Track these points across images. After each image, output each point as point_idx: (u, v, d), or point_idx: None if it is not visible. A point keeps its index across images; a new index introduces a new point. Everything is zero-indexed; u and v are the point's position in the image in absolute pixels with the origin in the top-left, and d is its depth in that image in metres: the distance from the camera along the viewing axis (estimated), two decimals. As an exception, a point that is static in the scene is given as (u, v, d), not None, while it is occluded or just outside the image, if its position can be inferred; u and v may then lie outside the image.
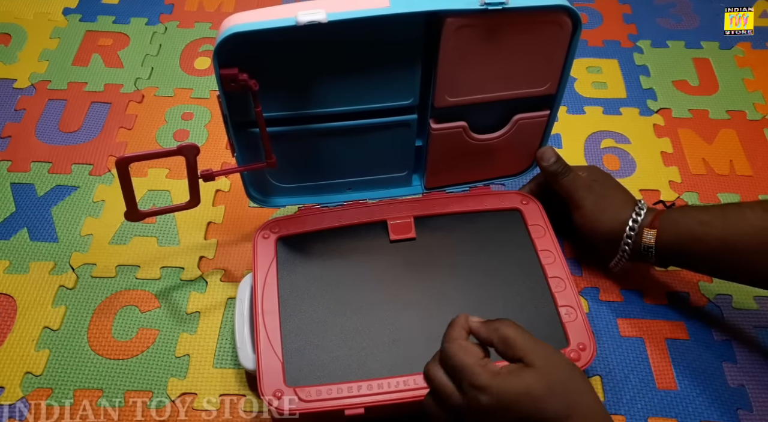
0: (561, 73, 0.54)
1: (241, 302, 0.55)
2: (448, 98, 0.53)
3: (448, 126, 0.56)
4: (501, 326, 0.40)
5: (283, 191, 0.60)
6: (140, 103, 0.77)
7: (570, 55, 0.52)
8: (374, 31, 0.47)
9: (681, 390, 0.55)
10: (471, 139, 0.58)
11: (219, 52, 0.45)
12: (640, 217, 0.54)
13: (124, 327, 0.59)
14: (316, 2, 0.45)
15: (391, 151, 0.59)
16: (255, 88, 0.47)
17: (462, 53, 0.49)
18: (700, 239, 0.51)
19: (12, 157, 0.71)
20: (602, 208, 0.56)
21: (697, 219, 0.51)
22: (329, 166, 0.59)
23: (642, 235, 0.54)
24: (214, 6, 0.89)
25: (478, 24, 0.48)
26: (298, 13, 0.44)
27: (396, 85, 0.52)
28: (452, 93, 0.53)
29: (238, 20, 0.45)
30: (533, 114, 0.57)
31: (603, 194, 0.57)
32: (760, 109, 0.78)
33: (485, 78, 0.52)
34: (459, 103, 0.54)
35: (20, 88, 0.78)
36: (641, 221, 0.54)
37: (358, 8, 0.45)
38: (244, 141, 0.53)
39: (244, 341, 0.53)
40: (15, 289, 0.61)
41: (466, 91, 0.53)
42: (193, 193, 0.54)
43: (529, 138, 0.60)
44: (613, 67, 0.83)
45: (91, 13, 0.87)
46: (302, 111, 0.52)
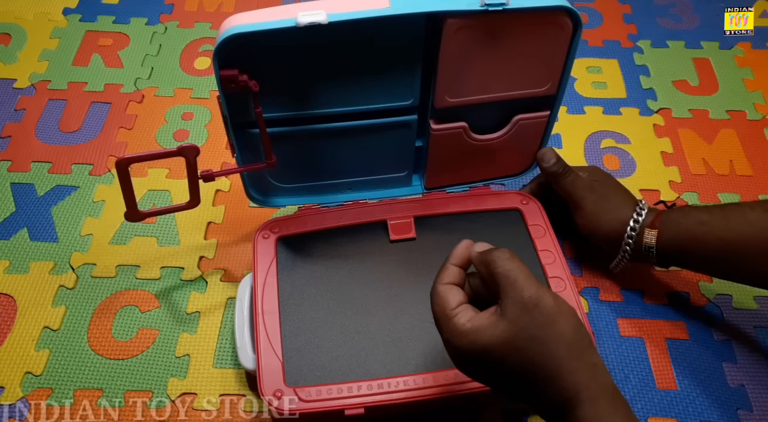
0: (561, 73, 0.54)
1: (241, 302, 0.55)
2: (448, 99, 0.53)
3: (449, 127, 0.56)
4: (495, 259, 0.38)
5: (283, 191, 0.60)
6: (140, 104, 0.77)
7: (570, 55, 0.52)
8: (374, 32, 0.47)
9: (681, 390, 0.55)
10: (471, 139, 0.58)
11: (219, 53, 0.45)
12: (641, 217, 0.54)
13: (124, 327, 0.59)
14: (315, 3, 0.45)
15: (391, 151, 0.59)
16: (255, 90, 0.47)
17: (462, 54, 0.49)
18: (701, 239, 0.51)
19: (12, 157, 0.71)
20: (603, 208, 0.56)
21: (698, 219, 0.51)
22: (329, 166, 0.59)
23: (643, 235, 0.54)
24: (214, 6, 0.89)
25: (478, 25, 0.48)
26: (298, 15, 0.44)
27: (396, 86, 0.52)
28: (452, 94, 0.53)
29: (238, 21, 0.44)
30: (533, 114, 0.57)
31: (604, 195, 0.57)
32: (760, 109, 0.78)
33: (485, 79, 0.52)
34: (459, 104, 0.54)
35: (20, 88, 0.78)
36: (642, 221, 0.54)
37: (358, 9, 0.45)
38: (244, 142, 0.53)
39: (244, 341, 0.53)
40: (15, 289, 0.61)
41: (467, 91, 0.53)
42: (193, 193, 0.54)
43: (529, 138, 0.60)
44: (613, 67, 0.83)
45: (91, 13, 0.87)
46: (302, 112, 0.52)
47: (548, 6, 0.47)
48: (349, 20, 0.44)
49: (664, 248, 0.53)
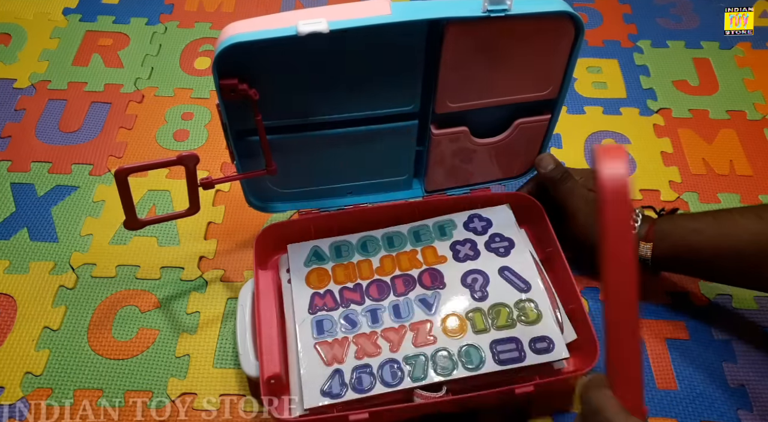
0: (563, 77, 0.53)
1: (242, 308, 0.55)
2: (449, 104, 0.53)
3: (450, 131, 0.55)
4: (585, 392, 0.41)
5: (283, 196, 0.60)
6: (140, 104, 0.77)
7: (572, 60, 0.52)
8: (375, 40, 0.46)
9: (681, 390, 0.55)
10: (472, 143, 0.57)
11: (218, 62, 0.44)
12: (634, 231, 0.54)
13: (124, 327, 0.59)
14: (315, 10, 0.44)
15: (392, 156, 0.58)
16: (255, 98, 0.46)
17: (463, 60, 0.49)
18: (695, 248, 0.51)
19: (12, 157, 0.71)
20: (596, 221, 0.56)
21: (691, 228, 0.52)
22: (329, 172, 0.59)
23: (638, 248, 0.54)
24: (214, 6, 0.89)
25: (480, 31, 0.47)
26: (298, 23, 0.42)
27: (397, 92, 0.52)
28: (453, 99, 0.52)
29: (237, 30, 0.43)
30: (534, 118, 0.57)
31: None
32: (760, 109, 0.78)
33: (487, 84, 0.52)
34: (460, 108, 0.53)
35: (20, 88, 0.78)
36: (635, 234, 0.54)
37: (359, 17, 0.44)
38: (244, 149, 0.53)
39: (246, 348, 0.53)
40: (15, 289, 0.61)
41: (468, 97, 0.53)
42: (193, 201, 0.54)
43: (530, 142, 0.60)
44: (613, 67, 0.83)
45: (91, 13, 0.87)
46: (302, 119, 0.52)
47: (550, 11, 0.47)
48: (350, 28, 0.43)
49: (658, 259, 0.54)
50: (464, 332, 0.53)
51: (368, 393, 0.49)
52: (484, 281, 0.56)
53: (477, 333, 0.53)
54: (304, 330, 0.53)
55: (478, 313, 0.54)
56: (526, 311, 0.54)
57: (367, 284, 0.56)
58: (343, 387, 0.50)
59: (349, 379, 0.50)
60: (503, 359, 0.51)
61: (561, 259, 0.57)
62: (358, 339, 0.53)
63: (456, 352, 0.51)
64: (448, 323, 0.53)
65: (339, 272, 0.57)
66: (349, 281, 0.57)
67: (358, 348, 0.52)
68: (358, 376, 0.50)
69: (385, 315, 0.54)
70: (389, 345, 0.52)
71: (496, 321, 0.53)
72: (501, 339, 0.52)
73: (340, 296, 0.56)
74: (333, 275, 0.57)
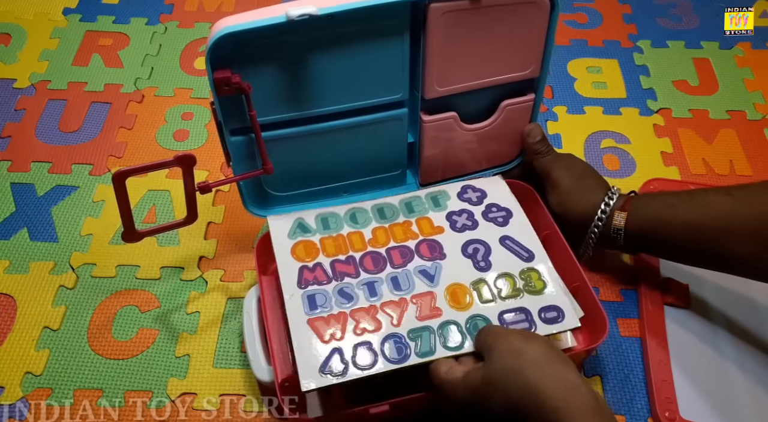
0: (543, 55, 0.56)
1: (248, 315, 0.55)
2: (437, 88, 0.54)
3: (439, 117, 0.57)
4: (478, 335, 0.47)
5: (280, 199, 0.60)
6: (140, 103, 0.77)
7: (550, 36, 0.54)
8: (362, 24, 0.48)
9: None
10: (462, 129, 0.59)
11: (211, 54, 0.45)
12: (612, 201, 0.55)
13: (124, 327, 0.59)
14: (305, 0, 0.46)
15: (385, 149, 0.59)
16: (249, 91, 0.47)
17: (447, 40, 0.51)
18: (668, 222, 0.52)
19: (12, 157, 0.71)
20: (578, 188, 0.57)
21: (666, 202, 0.53)
22: (324, 170, 0.59)
23: (612, 218, 0.54)
24: (214, 6, 0.89)
25: (461, 9, 0.49)
26: (287, 9, 0.45)
27: (385, 80, 0.53)
28: (441, 82, 0.54)
29: (229, 22, 0.45)
30: (519, 99, 0.59)
31: (580, 176, 0.58)
32: (760, 109, 0.78)
33: (471, 65, 0.54)
34: (448, 92, 0.55)
35: (20, 88, 0.78)
36: (613, 204, 0.55)
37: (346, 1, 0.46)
38: (240, 150, 0.53)
39: (257, 354, 0.52)
40: (15, 289, 0.61)
41: (454, 79, 0.55)
42: (191, 208, 0.53)
43: (517, 124, 0.61)
44: (613, 67, 0.83)
45: (91, 13, 0.87)
46: (295, 113, 0.53)
47: None
48: (337, 12, 0.46)
49: (632, 230, 0.54)
50: (471, 303, 0.51)
51: (370, 370, 0.47)
52: (485, 251, 0.55)
53: (484, 303, 0.51)
54: (294, 305, 0.51)
55: (482, 283, 0.52)
56: (532, 281, 0.53)
57: (360, 257, 0.54)
58: (344, 366, 0.47)
59: (351, 356, 0.47)
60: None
61: (560, 240, 0.57)
62: (356, 314, 0.50)
63: (464, 324, 0.50)
64: (453, 294, 0.52)
65: (328, 244, 0.55)
66: (340, 254, 0.54)
67: (356, 324, 0.50)
68: (360, 353, 0.48)
69: (384, 288, 0.52)
70: (389, 319, 0.50)
71: (503, 291, 0.52)
72: (509, 309, 0.51)
73: (331, 269, 0.53)
74: (322, 248, 0.55)
